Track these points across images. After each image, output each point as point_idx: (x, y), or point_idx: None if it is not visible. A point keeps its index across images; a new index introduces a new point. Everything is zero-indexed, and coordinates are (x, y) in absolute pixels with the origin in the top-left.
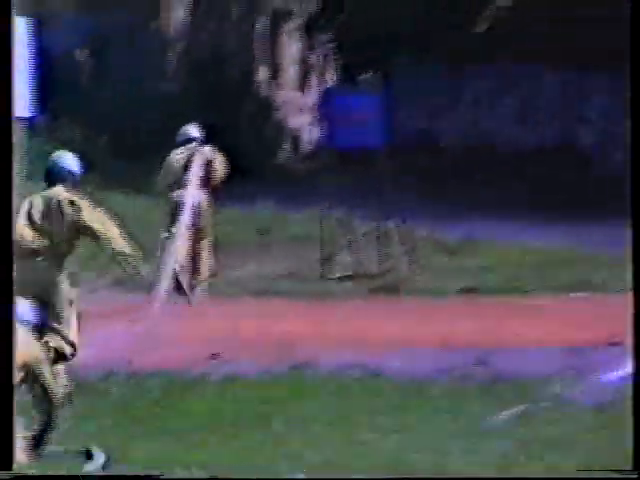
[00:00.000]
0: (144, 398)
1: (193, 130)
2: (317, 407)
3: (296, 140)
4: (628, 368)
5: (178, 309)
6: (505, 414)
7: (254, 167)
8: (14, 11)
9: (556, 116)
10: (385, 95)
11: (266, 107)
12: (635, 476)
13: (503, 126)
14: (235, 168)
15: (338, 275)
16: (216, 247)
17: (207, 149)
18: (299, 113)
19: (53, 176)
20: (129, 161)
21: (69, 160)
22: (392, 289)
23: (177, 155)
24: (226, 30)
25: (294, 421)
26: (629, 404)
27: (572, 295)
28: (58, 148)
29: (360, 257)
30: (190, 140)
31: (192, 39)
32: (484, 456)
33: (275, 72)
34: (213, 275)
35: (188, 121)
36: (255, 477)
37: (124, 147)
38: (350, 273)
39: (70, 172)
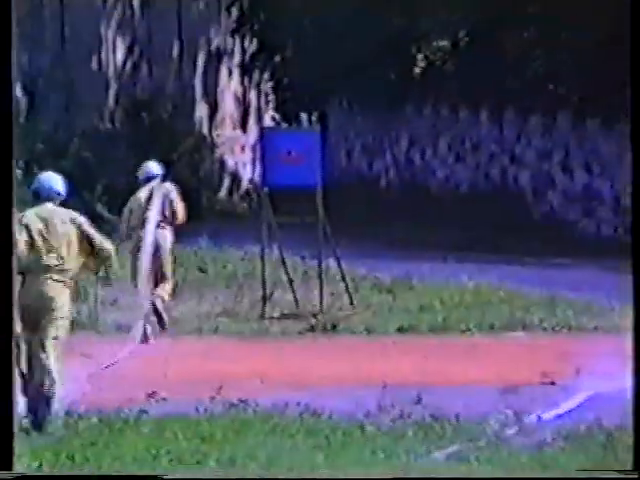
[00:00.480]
0: (79, 437)
1: (154, 167)
2: (255, 446)
3: (235, 178)
4: (562, 408)
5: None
6: (443, 453)
7: (194, 205)
8: (14, 11)
9: (491, 158)
10: (323, 134)
11: (205, 145)
12: (635, 476)
13: (438, 167)
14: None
15: (278, 314)
16: None
17: (167, 185)
18: (238, 151)
19: (43, 195)
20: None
21: (57, 181)
22: (331, 327)
23: (140, 194)
24: (166, 68)
25: (232, 460)
26: (564, 444)
27: (507, 334)
28: None
29: (300, 296)
30: (151, 178)
31: (132, 77)
32: None
33: (214, 110)
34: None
35: (126, 159)
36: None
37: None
38: (290, 312)
39: (57, 192)
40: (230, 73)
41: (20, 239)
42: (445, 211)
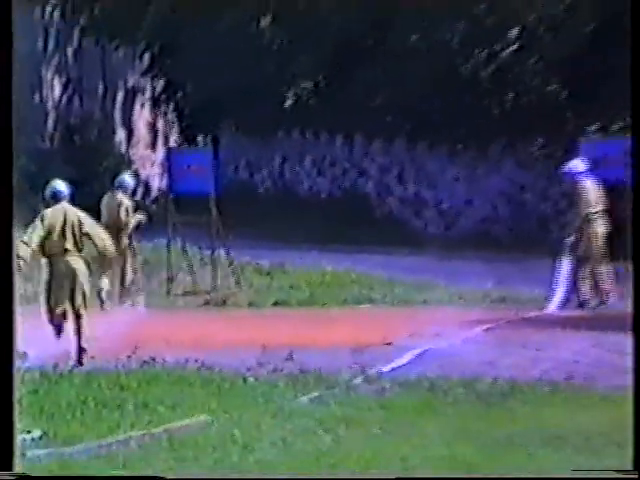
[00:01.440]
0: (25, 386)
1: (61, 185)
2: (162, 393)
3: (148, 187)
4: (397, 362)
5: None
6: (307, 398)
7: None
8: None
9: (344, 172)
10: (215, 152)
11: (123, 161)
12: (635, 476)
13: (304, 179)
14: (99, 208)
15: (180, 291)
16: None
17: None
18: (149, 166)
19: (59, 196)
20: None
21: (65, 186)
22: (222, 302)
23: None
24: (93, 101)
25: (144, 404)
26: (399, 389)
27: (356, 307)
28: None
29: (197, 277)
30: (59, 196)
31: (67, 108)
32: (290, 430)
33: (130, 134)
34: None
35: (63, 172)
36: (257, 477)
37: None
38: (189, 290)
39: (66, 194)
40: (143, 105)
41: (43, 231)
42: (310, 212)
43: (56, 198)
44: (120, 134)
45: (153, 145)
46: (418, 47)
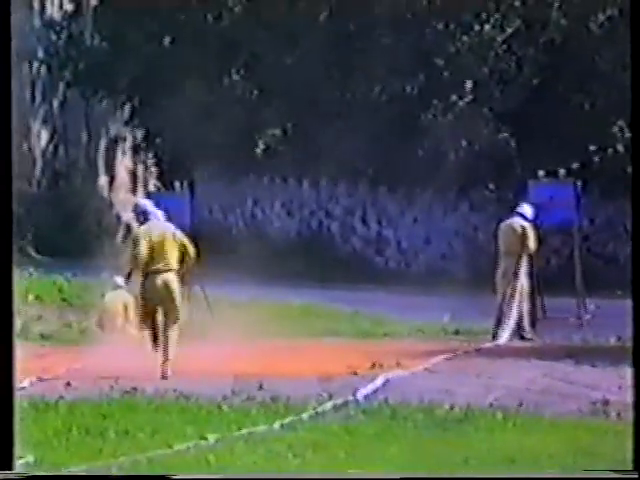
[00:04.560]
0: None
1: (148, 204)
2: (142, 421)
3: (128, 228)
4: (362, 391)
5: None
6: (278, 424)
7: (97, 247)
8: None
9: (311, 213)
10: (191, 196)
11: (106, 204)
12: (635, 476)
13: (274, 220)
14: (84, 248)
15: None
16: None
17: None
18: (130, 209)
19: (147, 215)
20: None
21: (150, 204)
22: (197, 336)
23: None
24: (78, 149)
25: (125, 431)
26: (362, 416)
27: (323, 339)
28: None
29: None
30: (147, 214)
31: (53, 156)
32: (262, 454)
33: (112, 179)
34: None
35: (49, 215)
36: (257, 477)
37: None
38: None
39: (153, 211)
40: (124, 153)
41: (143, 248)
42: (279, 251)
43: (145, 216)
44: (103, 179)
45: (133, 190)
46: (380, 97)
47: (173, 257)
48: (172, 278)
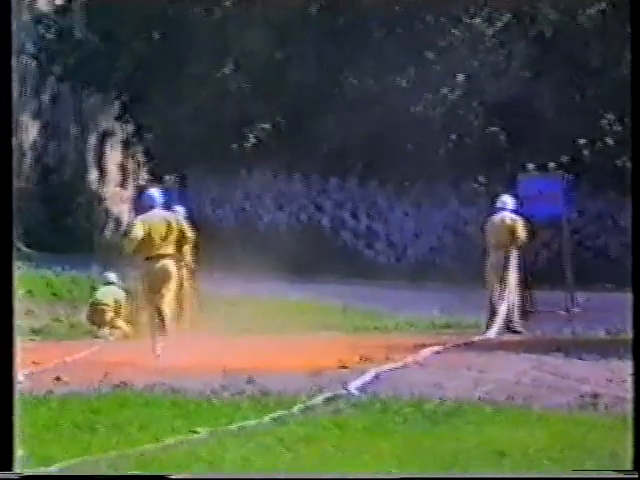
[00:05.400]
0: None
1: (155, 192)
2: (132, 415)
3: (118, 222)
4: (352, 385)
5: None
6: (268, 418)
7: (87, 242)
8: (14, 11)
9: (301, 207)
10: (183, 190)
11: (96, 198)
12: (635, 476)
13: (264, 214)
14: (73, 242)
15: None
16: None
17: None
18: (120, 202)
19: (152, 203)
20: None
21: (158, 193)
22: (187, 329)
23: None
24: (68, 144)
25: (115, 426)
26: (352, 410)
27: (313, 334)
28: None
29: None
30: (152, 200)
31: (43, 150)
32: (252, 448)
33: (102, 174)
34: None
35: (39, 210)
36: (257, 477)
37: None
38: None
39: (158, 201)
40: (114, 147)
41: (139, 232)
42: (269, 245)
43: (151, 204)
44: (92, 174)
45: (123, 183)
46: (371, 91)
47: (172, 243)
48: (171, 263)
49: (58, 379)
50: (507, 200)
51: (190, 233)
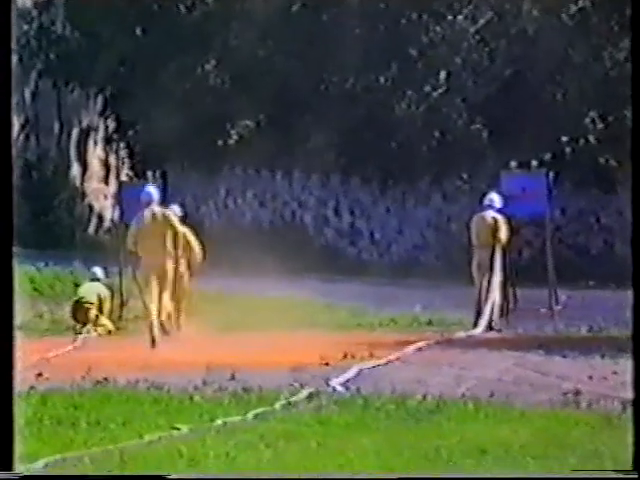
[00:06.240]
0: None
1: (150, 189)
2: (114, 411)
3: (100, 218)
4: (334, 382)
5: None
6: (250, 414)
7: (69, 238)
8: (14, 10)
9: (285, 204)
10: (164, 187)
11: (78, 194)
12: (635, 476)
13: (247, 211)
14: (56, 239)
15: (131, 316)
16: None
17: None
18: (103, 199)
19: (149, 199)
20: None
21: (153, 189)
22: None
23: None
24: (50, 139)
25: (97, 422)
26: (334, 406)
27: (297, 331)
28: None
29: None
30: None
31: (25, 146)
32: (234, 445)
33: (85, 169)
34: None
35: (20, 206)
36: (257, 477)
37: None
38: (140, 314)
39: (155, 198)
40: (96, 143)
41: (133, 233)
42: (252, 243)
43: (149, 200)
44: (75, 169)
45: (106, 179)
46: (354, 88)
47: (165, 238)
48: (166, 258)
49: (40, 375)
50: (494, 198)
51: (179, 227)
